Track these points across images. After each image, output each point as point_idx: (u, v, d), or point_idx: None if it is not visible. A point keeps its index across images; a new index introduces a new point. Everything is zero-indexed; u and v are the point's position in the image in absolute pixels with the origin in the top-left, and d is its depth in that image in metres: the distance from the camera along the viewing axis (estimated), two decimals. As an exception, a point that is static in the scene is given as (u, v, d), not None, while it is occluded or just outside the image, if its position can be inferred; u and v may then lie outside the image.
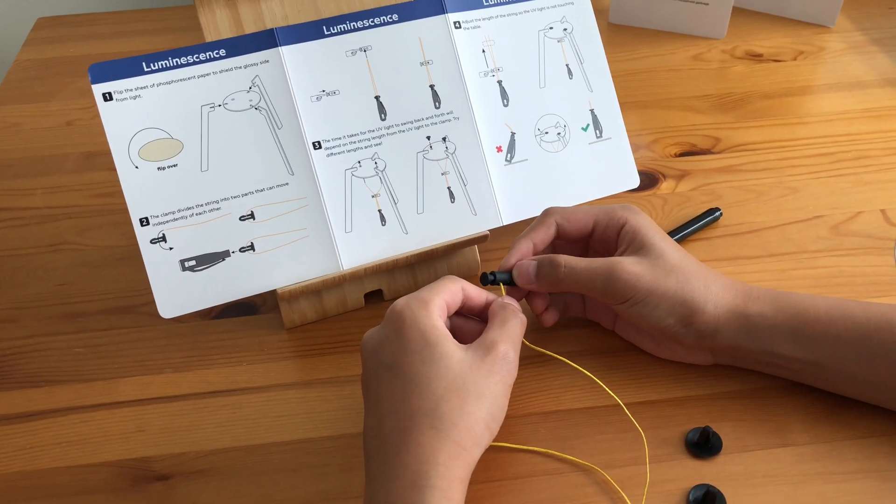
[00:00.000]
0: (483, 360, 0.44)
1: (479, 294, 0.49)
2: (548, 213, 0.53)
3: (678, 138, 0.73)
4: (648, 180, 0.68)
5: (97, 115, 0.52)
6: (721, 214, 0.64)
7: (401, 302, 0.45)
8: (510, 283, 0.51)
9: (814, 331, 0.47)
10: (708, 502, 0.46)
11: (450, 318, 0.48)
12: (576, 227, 0.52)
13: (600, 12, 0.88)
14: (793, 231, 0.63)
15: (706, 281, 0.49)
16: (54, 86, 0.83)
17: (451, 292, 0.47)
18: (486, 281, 0.51)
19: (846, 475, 0.47)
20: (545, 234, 0.52)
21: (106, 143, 0.53)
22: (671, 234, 0.62)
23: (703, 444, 0.48)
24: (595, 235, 0.52)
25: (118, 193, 0.68)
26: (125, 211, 0.53)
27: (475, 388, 0.42)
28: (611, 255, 0.52)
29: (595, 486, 0.47)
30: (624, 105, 0.64)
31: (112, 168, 0.54)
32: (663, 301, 0.48)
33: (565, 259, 0.50)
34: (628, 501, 0.46)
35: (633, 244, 0.50)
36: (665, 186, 0.68)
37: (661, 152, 0.71)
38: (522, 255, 0.51)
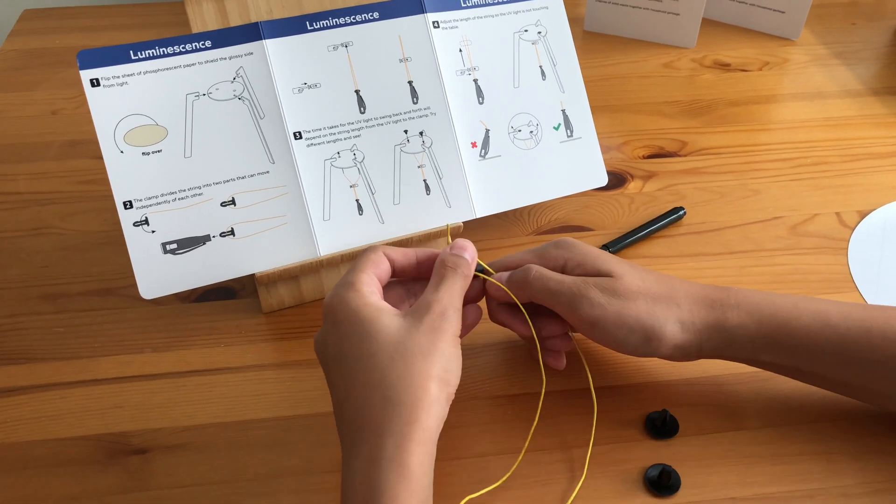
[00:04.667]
0: (422, 322, 0.44)
1: (405, 255, 0.49)
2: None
3: (647, 141, 0.76)
4: (617, 180, 0.71)
5: (82, 105, 0.54)
6: (685, 213, 0.67)
7: (329, 293, 0.46)
8: (484, 273, 0.51)
9: (794, 341, 0.47)
10: (663, 480, 0.48)
11: (391, 286, 0.49)
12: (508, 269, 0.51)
13: (575, 20, 0.91)
14: (753, 230, 0.66)
15: (675, 299, 0.48)
16: (39, 76, 0.85)
17: (373, 263, 0.47)
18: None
19: (795, 456, 0.50)
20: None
21: (90, 131, 0.54)
22: (636, 231, 0.65)
23: (661, 426, 0.51)
24: None
25: (101, 181, 0.69)
26: (108, 197, 0.55)
27: (419, 349, 0.42)
28: None
29: (556, 463, 0.49)
30: (596, 109, 0.66)
31: (95, 156, 0.55)
32: (623, 327, 0.47)
33: (539, 270, 0.49)
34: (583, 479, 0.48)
35: (587, 275, 0.49)
36: (632, 186, 0.71)
37: (630, 154, 0.74)
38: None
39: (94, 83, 0.54)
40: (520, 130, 0.63)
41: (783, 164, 0.73)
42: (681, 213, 0.66)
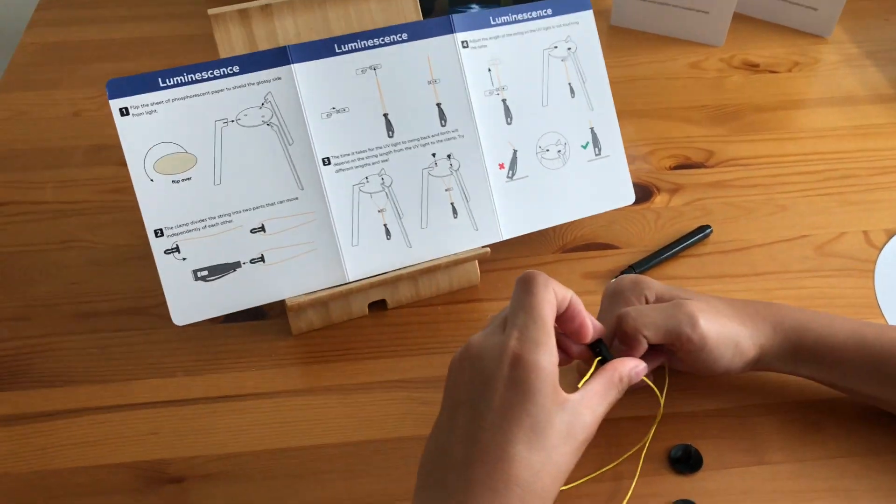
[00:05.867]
0: (575, 442, 0.43)
1: (561, 292, 0.46)
2: (633, 330, 0.50)
3: (673, 150, 0.75)
4: (643, 193, 0.71)
5: (104, 106, 0.54)
6: (711, 231, 0.67)
7: (516, 337, 0.43)
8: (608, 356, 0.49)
9: (832, 358, 0.51)
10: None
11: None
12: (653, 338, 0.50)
13: (601, 13, 0.89)
14: (779, 250, 0.66)
15: (738, 316, 0.51)
16: (60, 72, 0.84)
17: (552, 307, 0.45)
18: (595, 347, 0.49)
19: (816, 493, 0.50)
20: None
21: (113, 136, 0.54)
22: (663, 250, 0.65)
23: (685, 461, 0.52)
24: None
25: (127, 189, 0.69)
26: (134, 208, 0.55)
27: (559, 469, 0.42)
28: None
29: (582, 498, 0.50)
30: (622, 113, 0.65)
31: (120, 162, 0.55)
32: (721, 342, 0.50)
33: (627, 314, 0.49)
34: (613, 515, 0.49)
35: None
36: (659, 200, 0.70)
37: (657, 164, 0.74)
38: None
39: (124, 112, 0.54)
40: (548, 150, 0.63)
41: (811, 178, 0.72)
42: (707, 231, 0.66)
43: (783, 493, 0.50)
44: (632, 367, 0.48)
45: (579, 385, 0.46)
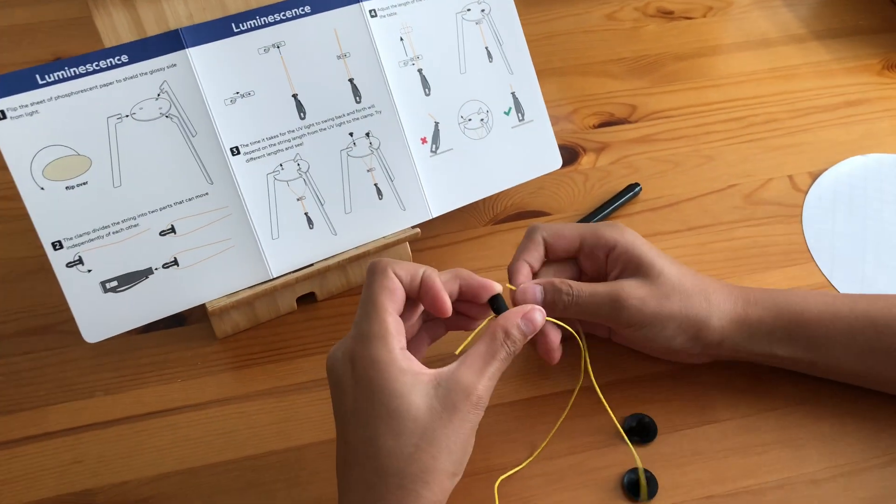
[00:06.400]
0: (455, 410, 0.41)
1: (409, 271, 0.44)
2: (533, 229, 0.51)
3: (596, 108, 0.73)
4: (569, 155, 0.69)
5: None
6: (640, 189, 0.65)
7: (351, 338, 0.42)
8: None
9: (807, 332, 0.49)
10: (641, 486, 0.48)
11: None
12: (562, 245, 0.51)
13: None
14: (709, 202, 0.65)
15: (706, 293, 0.49)
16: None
17: (390, 294, 0.43)
18: (493, 304, 0.47)
19: (763, 447, 0.50)
20: (537, 253, 0.50)
21: None
22: (594, 213, 0.63)
23: (640, 431, 0.51)
24: (583, 253, 0.51)
25: (15, 196, 0.63)
26: (26, 216, 0.50)
27: (446, 443, 0.40)
28: (601, 273, 0.51)
29: (535, 478, 0.49)
30: (541, 73, 0.63)
31: (4, 166, 0.50)
32: (670, 322, 0.48)
33: (568, 284, 0.48)
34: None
35: (629, 266, 0.49)
36: (585, 161, 0.69)
37: (581, 124, 0.72)
38: (524, 279, 0.49)
39: (0, 116, 0.49)
40: (470, 120, 0.60)
41: (734, 125, 0.71)
42: (637, 189, 0.65)
43: (733, 451, 0.50)
44: (521, 317, 0.44)
45: (457, 352, 0.44)
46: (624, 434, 0.50)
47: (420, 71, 0.59)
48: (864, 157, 0.68)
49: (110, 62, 0.50)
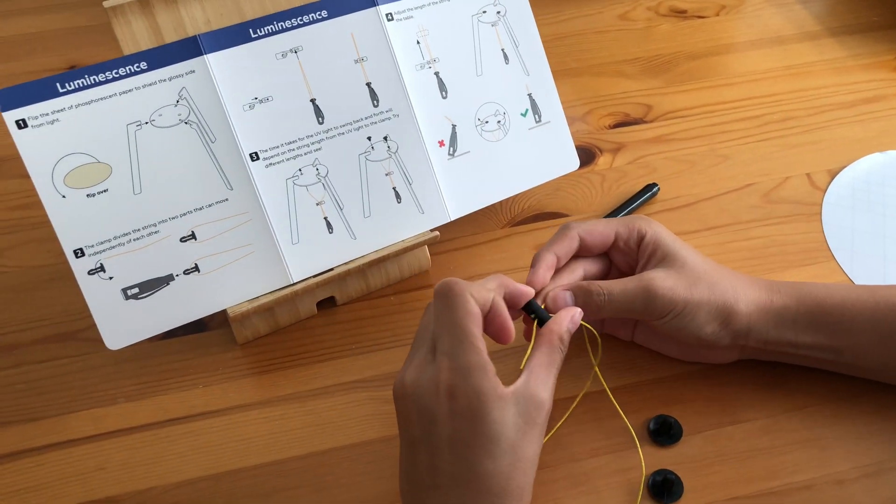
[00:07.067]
0: (535, 423, 0.42)
1: (482, 297, 0.44)
2: (568, 227, 0.51)
3: (611, 108, 0.73)
4: (586, 156, 0.69)
5: None
6: (658, 190, 0.65)
7: (452, 367, 0.42)
8: (544, 316, 0.48)
9: (831, 318, 0.49)
10: (666, 489, 0.48)
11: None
12: (598, 240, 0.51)
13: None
14: (727, 201, 0.65)
15: (732, 282, 0.49)
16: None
17: (476, 320, 0.43)
18: (528, 309, 0.48)
19: (788, 446, 0.50)
20: (568, 247, 0.50)
21: (12, 145, 0.49)
22: (612, 214, 0.63)
23: (665, 433, 0.51)
24: (616, 247, 0.51)
25: (36, 204, 0.64)
26: (48, 224, 0.50)
27: (532, 456, 0.42)
28: (632, 267, 0.51)
29: (560, 481, 0.49)
30: (556, 73, 0.63)
31: (24, 175, 0.50)
32: (700, 310, 0.48)
33: (598, 285, 0.48)
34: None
35: (655, 256, 0.50)
36: (602, 161, 0.69)
37: (596, 124, 0.72)
38: (549, 268, 0.49)
39: (21, 125, 0.49)
40: (487, 122, 0.60)
41: (750, 124, 0.71)
42: (655, 189, 0.65)
43: (757, 451, 0.50)
44: (568, 321, 0.46)
45: (522, 365, 0.45)
46: (635, 436, 0.50)
47: (437, 74, 0.58)
48: (883, 155, 0.68)
49: (129, 69, 0.51)
